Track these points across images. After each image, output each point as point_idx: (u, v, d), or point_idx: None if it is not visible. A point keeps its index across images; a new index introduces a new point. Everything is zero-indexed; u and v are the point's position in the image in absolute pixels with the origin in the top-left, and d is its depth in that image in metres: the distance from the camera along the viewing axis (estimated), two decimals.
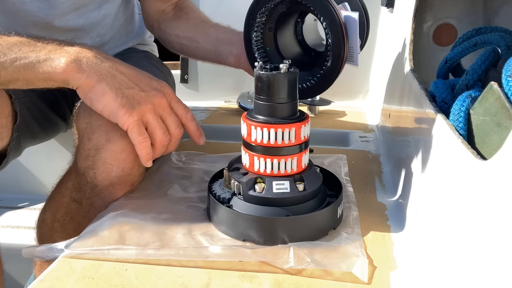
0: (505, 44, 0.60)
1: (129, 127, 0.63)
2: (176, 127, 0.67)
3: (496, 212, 0.37)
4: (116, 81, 0.63)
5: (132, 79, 0.65)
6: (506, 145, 0.37)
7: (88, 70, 0.61)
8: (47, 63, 0.60)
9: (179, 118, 0.69)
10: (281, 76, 0.58)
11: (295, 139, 0.59)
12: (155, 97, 0.65)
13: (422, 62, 0.90)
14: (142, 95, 0.64)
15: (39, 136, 0.96)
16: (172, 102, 0.68)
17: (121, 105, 0.62)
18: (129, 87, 0.64)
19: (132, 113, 0.62)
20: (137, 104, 0.63)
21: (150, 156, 0.66)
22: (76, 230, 0.74)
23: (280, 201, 0.59)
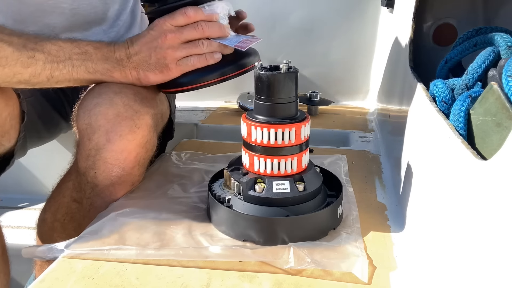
0: (505, 44, 0.60)
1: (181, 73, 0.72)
2: (195, 32, 0.71)
3: (496, 212, 0.37)
4: (142, 63, 0.72)
5: (144, 49, 0.72)
6: (506, 145, 0.37)
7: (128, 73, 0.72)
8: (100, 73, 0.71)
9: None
10: (281, 76, 0.58)
11: (295, 139, 0.59)
12: (163, 41, 0.71)
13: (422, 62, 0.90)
14: (159, 51, 0.71)
15: (44, 136, 0.96)
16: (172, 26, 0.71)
17: (160, 72, 0.72)
18: (149, 57, 0.71)
19: (169, 67, 0.72)
20: (164, 59, 0.71)
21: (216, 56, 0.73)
22: (76, 230, 0.74)
23: (280, 201, 0.59)
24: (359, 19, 1.38)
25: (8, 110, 0.70)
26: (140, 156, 0.71)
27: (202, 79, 0.74)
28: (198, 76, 0.74)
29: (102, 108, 0.69)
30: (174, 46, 0.71)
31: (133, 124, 0.68)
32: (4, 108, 0.69)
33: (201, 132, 1.21)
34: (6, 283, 0.71)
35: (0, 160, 0.75)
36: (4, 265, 0.71)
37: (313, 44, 1.40)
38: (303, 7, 1.39)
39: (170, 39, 0.71)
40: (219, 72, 0.76)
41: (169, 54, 0.71)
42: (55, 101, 0.96)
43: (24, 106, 0.75)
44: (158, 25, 0.72)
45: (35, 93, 0.89)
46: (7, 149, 0.74)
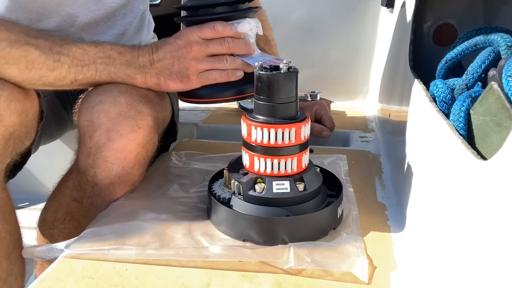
0: (505, 44, 0.60)
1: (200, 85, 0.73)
2: (221, 46, 0.72)
3: (496, 212, 0.37)
4: (165, 70, 0.73)
5: (168, 57, 0.72)
6: (506, 145, 0.37)
7: (149, 78, 0.73)
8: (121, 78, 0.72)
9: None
10: (281, 76, 0.58)
11: (295, 139, 0.59)
12: (189, 52, 0.71)
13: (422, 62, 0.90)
14: (182, 61, 0.72)
15: (54, 134, 0.98)
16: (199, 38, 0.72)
17: (181, 81, 0.72)
18: (172, 65, 0.72)
19: (190, 79, 0.72)
20: (186, 70, 0.72)
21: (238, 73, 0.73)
22: (76, 229, 0.74)
23: (280, 201, 0.59)
24: (359, 19, 1.38)
25: (33, 110, 0.71)
26: (141, 156, 0.71)
27: (221, 94, 0.75)
28: (217, 90, 0.75)
29: (105, 105, 0.69)
30: (198, 58, 0.72)
31: (134, 124, 0.68)
32: (30, 109, 0.70)
33: (201, 132, 1.21)
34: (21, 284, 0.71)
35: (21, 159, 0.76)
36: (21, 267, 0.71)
37: (313, 44, 1.40)
38: (303, 7, 1.39)
39: (195, 50, 0.71)
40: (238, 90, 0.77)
41: (192, 65, 0.71)
42: (64, 98, 0.97)
43: (43, 105, 0.75)
44: (185, 35, 0.72)
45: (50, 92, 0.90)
46: (27, 147, 0.75)
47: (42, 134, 0.83)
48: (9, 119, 0.64)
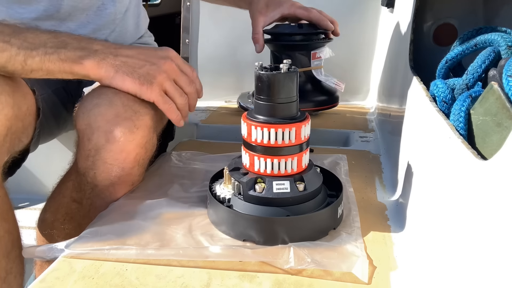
0: (505, 44, 0.60)
1: (155, 100, 0.71)
2: (189, 85, 0.75)
3: (496, 212, 0.37)
4: (129, 66, 0.70)
5: (140, 58, 0.72)
6: (507, 145, 0.37)
7: (105, 65, 0.69)
8: (71, 59, 0.67)
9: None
10: (281, 76, 0.58)
11: (295, 139, 0.59)
12: (164, 64, 0.72)
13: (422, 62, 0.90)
14: (154, 68, 0.71)
15: (54, 132, 0.97)
16: (179, 65, 0.75)
17: (140, 84, 0.70)
18: (141, 66, 0.71)
19: (152, 87, 0.70)
20: (152, 78, 0.71)
21: (179, 117, 0.75)
22: (76, 230, 0.74)
23: (280, 201, 0.59)
24: (359, 19, 1.38)
25: (27, 104, 0.70)
26: (140, 156, 0.71)
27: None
28: None
29: (102, 108, 0.69)
30: (169, 77, 0.72)
31: (132, 124, 0.68)
32: (23, 102, 0.69)
33: (201, 132, 1.21)
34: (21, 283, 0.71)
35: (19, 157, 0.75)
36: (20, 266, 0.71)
37: None
38: None
39: (170, 68, 0.72)
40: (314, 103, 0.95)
41: (161, 77, 0.71)
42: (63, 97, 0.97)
43: (39, 102, 0.75)
44: (169, 51, 0.74)
45: (47, 90, 0.89)
46: (25, 145, 0.74)
47: (41, 132, 0.83)
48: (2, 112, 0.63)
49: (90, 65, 0.68)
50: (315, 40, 1.02)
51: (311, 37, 1.01)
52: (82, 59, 0.68)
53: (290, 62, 0.59)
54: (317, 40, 1.02)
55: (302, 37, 1.00)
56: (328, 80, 1.03)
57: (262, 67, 0.59)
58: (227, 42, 1.40)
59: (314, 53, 1.02)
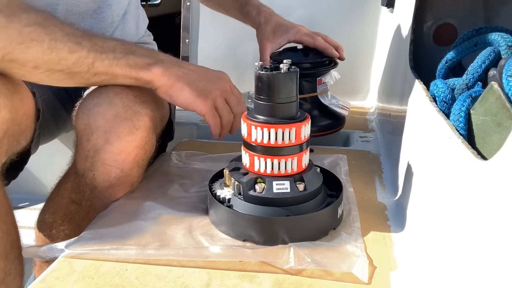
0: (505, 44, 0.60)
1: (206, 112, 0.75)
2: (238, 105, 0.79)
3: (496, 212, 0.37)
4: (190, 78, 0.74)
5: (201, 74, 0.76)
6: (507, 145, 0.37)
7: (169, 73, 0.72)
8: (139, 65, 0.70)
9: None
10: (281, 76, 0.58)
11: (295, 139, 0.59)
12: (221, 84, 0.77)
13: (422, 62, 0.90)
14: (211, 85, 0.76)
15: (54, 133, 0.97)
16: (231, 87, 0.80)
17: (197, 96, 0.73)
18: (200, 80, 0.75)
19: (207, 101, 0.74)
20: (208, 93, 0.74)
21: (219, 133, 0.78)
22: (75, 231, 0.74)
23: (281, 201, 0.59)
24: (359, 19, 1.38)
25: (24, 108, 0.70)
26: (139, 157, 0.71)
27: None
28: None
29: (101, 108, 0.68)
30: (222, 95, 0.76)
31: (132, 125, 0.68)
32: (20, 106, 0.69)
33: (201, 132, 1.21)
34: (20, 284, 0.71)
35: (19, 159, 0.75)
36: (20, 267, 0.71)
37: None
38: (303, 7, 1.39)
39: (225, 88, 0.77)
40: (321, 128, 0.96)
41: (216, 94, 0.75)
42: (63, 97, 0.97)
43: (39, 104, 0.75)
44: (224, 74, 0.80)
45: (47, 91, 0.89)
46: (24, 147, 0.74)
47: (41, 133, 0.83)
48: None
49: (157, 72, 0.71)
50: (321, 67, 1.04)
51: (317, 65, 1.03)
52: (150, 66, 0.71)
53: (290, 62, 0.59)
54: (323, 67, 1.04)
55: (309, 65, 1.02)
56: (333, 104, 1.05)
57: (262, 67, 0.59)
58: (227, 42, 1.40)
59: (319, 79, 1.04)
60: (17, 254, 0.69)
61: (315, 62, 1.03)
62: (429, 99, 0.63)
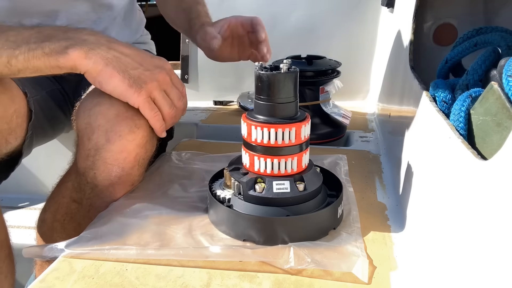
0: (506, 44, 0.60)
1: (140, 105, 0.67)
2: (179, 99, 0.72)
3: (496, 212, 0.37)
4: (121, 64, 0.65)
5: (136, 59, 0.67)
6: (507, 145, 0.37)
7: (94, 56, 0.63)
8: (56, 51, 0.62)
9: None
10: (281, 76, 0.58)
11: (295, 139, 0.59)
12: (159, 74, 0.68)
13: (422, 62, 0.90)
14: (147, 74, 0.67)
15: (49, 134, 0.97)
16: (172, 78, 0.72)
17: (129, 85, 0.65)
18: (134, 67, 0.66)
19: (140, 92, 0.66)
20: (143, 83, 0.66)
21: (163, 127, 0.71)
22: (76, 230, 0.74)
23: (280, 201, 0.59)
24: (359, 19, 1.38)
25: (14, 107, 0.69)
26: (140, 156, 0.71)
27: None
28: None
29: (102, 107, 0.68)
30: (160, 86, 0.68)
31: (133, 124, 0.68)
32: (10, 105, 0.68)
33: (201, 132, 1.21)
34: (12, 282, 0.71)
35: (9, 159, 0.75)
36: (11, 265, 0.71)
37: (313, 44, 1.40)
38: (303, 7, 1.39)
39: (163, 78, 0.69)
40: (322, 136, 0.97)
41: (152, 85, 0.67)
42: (59, 99, 0.97)
43: (31, 104, 0.75)
44: (165, 63, 0.72)
45: (41, 91, 0.89)
46: (14, 147, 0.74)
47: (35, 134, 0.83)
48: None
49: (77, 55, 0.62)
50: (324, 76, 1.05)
51: (320, 74, 1.05)
52: (67, 49, 0.62)
53: (290, 62, 0.59)
54: (326, 76, 1.06)
55: (312, 74, 1.03)
56: (334, 113, 1.07)
57: (262, 67, 0.59)
58: None
59: (322, 88, 1.06)
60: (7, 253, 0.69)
61: (318, 71, 1.04)
62: (429, 99, 0.63)
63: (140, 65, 0.67)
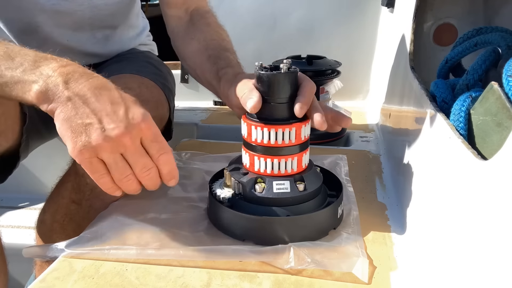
0: (506, 44, 0.60)
1: (80, 163, 0.56)
2: (141, 169, 0.57)
3: (497, 212, 0.37)
4: (73, 111, 0.55)
5: (95, 108, 0.55)
6: (507, 145, 0.37)
7: (52, 99, 0.56)
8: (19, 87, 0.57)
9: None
10: (281, 76, 0.58)
11: (295, 139, 0.59)
12: (116, 134, 0.54)
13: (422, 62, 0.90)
14: (98, 132, 0.54)
15: (45, 136, 0.97)
16: (144, 140, 0.57)
17: (72, 139, 0.55)
18: (86, 118, 0.55)
19: (81, 150, 0.54)
20: (89, 140, 0.54)
21: (113, 189, 0.59)
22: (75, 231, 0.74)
23: (281, 201, 0.59)
24: (359, 19, 1.38)
25: (3, 109, 0.69)
26: None
27: None
28: None
29: None
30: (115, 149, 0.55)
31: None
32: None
33: (201, 132, 1.21)
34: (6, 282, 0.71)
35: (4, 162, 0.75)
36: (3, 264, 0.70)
37: (313, 44, 1.40)
38: (303, 7, 1.39)
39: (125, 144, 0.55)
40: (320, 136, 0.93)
41: (103, 146, 0.53)
42: None
43: (25, 107, 0.74)
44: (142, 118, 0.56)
45: None
46: (6, 149, 0.74)
47: (30, 137, 0.83)
48: None
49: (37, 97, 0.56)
50: (324, 76, 1.06)
51: (320, 74, 1.05)
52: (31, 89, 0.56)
53: (290, 62, 0.59)
54: (326, 76, 1.06)
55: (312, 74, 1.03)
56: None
57: (262, 67, 0.59)
58: None
59: (322, 88, 1.06)
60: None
61: (318, 71, 1.04)
62: (429, 99, 0.63)
63: (96, 117, 0.54)
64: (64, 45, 0.89)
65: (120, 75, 0.85)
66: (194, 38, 0.83)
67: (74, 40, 0.90)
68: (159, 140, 0.57)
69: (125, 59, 0.98)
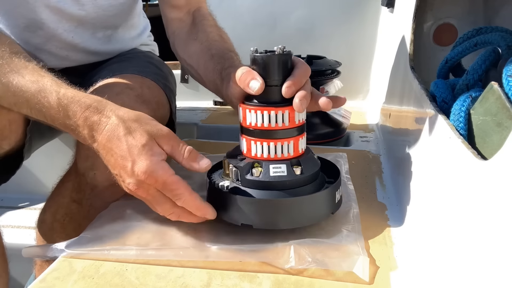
0: (506, 44, 0.60)
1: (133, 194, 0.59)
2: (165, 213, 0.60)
3: (497, 212, 0.37)
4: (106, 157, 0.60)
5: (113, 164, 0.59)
6: (507, 145, 0.37)
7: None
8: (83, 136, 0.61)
9: None
10: (275, 57, 0.58)
11: (289, 122, 0.59)
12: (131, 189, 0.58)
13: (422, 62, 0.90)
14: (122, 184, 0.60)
15: (46, 136, 0.97)
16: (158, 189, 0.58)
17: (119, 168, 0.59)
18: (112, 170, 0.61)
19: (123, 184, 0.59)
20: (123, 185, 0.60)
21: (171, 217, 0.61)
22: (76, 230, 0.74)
23: (277, 185, 0.59)
24: (359, 19, 1.38)
25: (11, 116, 0.69)
26: None
27: None
28: None
29: None
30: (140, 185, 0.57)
31: None
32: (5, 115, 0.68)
33: (201, 132, 1.21)
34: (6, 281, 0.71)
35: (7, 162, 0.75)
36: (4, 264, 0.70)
37: (313, 44, 1.40)
38: (303, 7, 1.39)
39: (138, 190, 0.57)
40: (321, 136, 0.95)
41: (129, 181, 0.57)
42: None
43: None
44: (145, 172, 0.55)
45: None
46: (7, 151, 0.74)
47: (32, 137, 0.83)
48: None
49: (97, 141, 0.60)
50: (324, 76, 1.05)
51: (320, 74, 1.05)
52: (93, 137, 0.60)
53: (284, 46, 0.59)
54: (326, 76, 1.06)
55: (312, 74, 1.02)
56: (335, 113, 1.07)
57: (256, 50, 0.59)
58: None
59: (322, 88, 1.06)
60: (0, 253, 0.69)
61: (318, 71, 1.04)
62: (429, 99, 0.63)
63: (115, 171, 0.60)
64: (68, 42, 0.89)
65: (122, 75, 0.85)
66: (197, 39, 0.83)
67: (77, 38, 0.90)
68: (169, 188, 0.57)
69: (127, 59, 0.98)
